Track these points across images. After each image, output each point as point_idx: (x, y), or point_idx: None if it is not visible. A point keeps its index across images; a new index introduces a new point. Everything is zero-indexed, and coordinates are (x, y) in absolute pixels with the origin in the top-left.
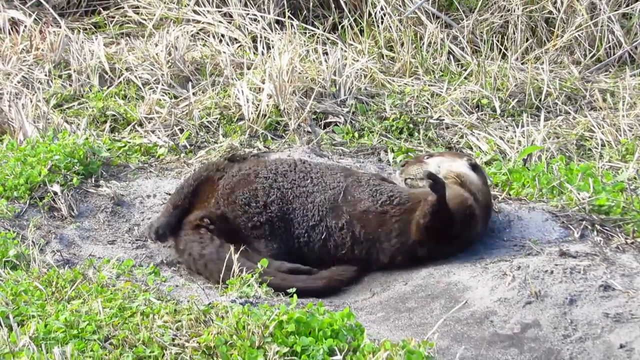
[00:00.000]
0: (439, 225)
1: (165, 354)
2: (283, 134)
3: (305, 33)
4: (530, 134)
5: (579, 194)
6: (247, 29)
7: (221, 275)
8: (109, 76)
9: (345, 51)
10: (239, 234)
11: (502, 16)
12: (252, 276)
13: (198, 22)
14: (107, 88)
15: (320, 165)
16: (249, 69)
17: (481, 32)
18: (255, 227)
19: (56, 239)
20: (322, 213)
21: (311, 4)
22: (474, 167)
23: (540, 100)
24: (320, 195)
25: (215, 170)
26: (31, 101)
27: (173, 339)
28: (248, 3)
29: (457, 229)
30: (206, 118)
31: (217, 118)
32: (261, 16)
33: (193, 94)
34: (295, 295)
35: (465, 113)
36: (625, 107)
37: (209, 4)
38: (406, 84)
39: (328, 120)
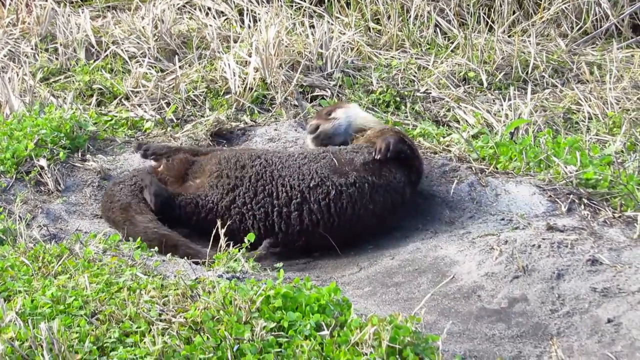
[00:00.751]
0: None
1: (152, 329)
2: (270, 108)
3: (292, 6)
4: (517, 107)
5: (566, 167)
6: (234, 1)
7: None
8: (96, 50)
9: (332, 24)
10: (197, 179)
11: None
12: (239, 250)
13: None
14: (94, 61)
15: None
16: (235, 42)
17: (468, 5)
18: (220, 177)
19: (43, 213)
20: (324, 174)
21: None
22: None
23: (527, 73)
24: (315, 164)
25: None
26: (17, 75)
27: (160, 314)
28: None
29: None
30: (193, 92)
31: (203, 92)
32: None
33: (179, 67)
34: (282, 270)
35: (452, 86)
36: (612, 80)
37: None
38: (393, 57)
39: (315, 93)
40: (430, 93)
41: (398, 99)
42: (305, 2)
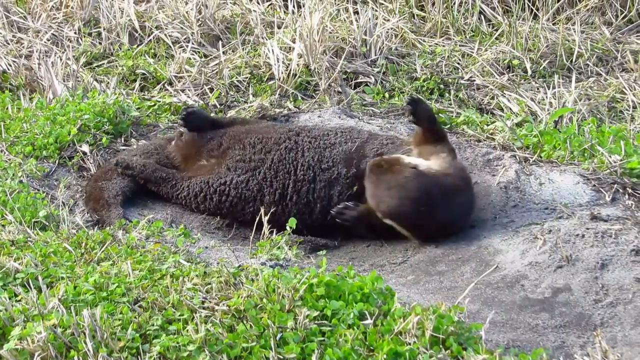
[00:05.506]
0: None
1: (195, 317)
2: (313, 94)
3: None
4: (561, 95)
5: (610, 156)
6: None
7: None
8: (139, 34)
9: (376, 10)
10: (212, 158)
11: None
12: (282, 238)
13: None
14: (137, 46)
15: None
16: (279, 28)
17: None
18: (241, 161)
19: None
20: (336, 160)
21: None
22: None
23: (571, 61)
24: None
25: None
26: (61, 59)
27: (203, 302)
28: None
29: None
30: (236, 77)
31: (247, 77)
32: None
33: (223, 52)
34: (325, 259)
35: (496, 74)
36: None
37: None
38: (437, 44)
39: (358, 80)
40: (474, 81)
41: (442, 86)
42: None
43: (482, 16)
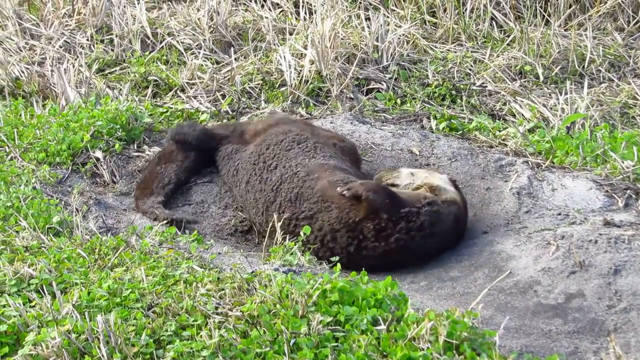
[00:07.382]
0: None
1: (209, 322)
2: (325, 100)
3: None
4: (573, 101)
5: (623, 162)
6: None
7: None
8: (151, 41)
9: (388, 17)
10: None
11: None
12: (295, 244)
13: None
14: (149, 53)
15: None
16: (291, 34)
17: None
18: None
19: (98, 205)
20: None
21: None
22: (455, 184)
23: (583, 67)
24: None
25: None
26: (73, 66)
27: (216, 308)
28: None
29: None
30: (248, 84)
31: (259, 84)
32: None
33: (235, 59)
34: (338, 264)
35: (508, 80)
36: None
37: None
38: (449, 50)
39: (370, 86)
40: (486, 87)
41: (454, 92)
42: None
43: (493, 22)
